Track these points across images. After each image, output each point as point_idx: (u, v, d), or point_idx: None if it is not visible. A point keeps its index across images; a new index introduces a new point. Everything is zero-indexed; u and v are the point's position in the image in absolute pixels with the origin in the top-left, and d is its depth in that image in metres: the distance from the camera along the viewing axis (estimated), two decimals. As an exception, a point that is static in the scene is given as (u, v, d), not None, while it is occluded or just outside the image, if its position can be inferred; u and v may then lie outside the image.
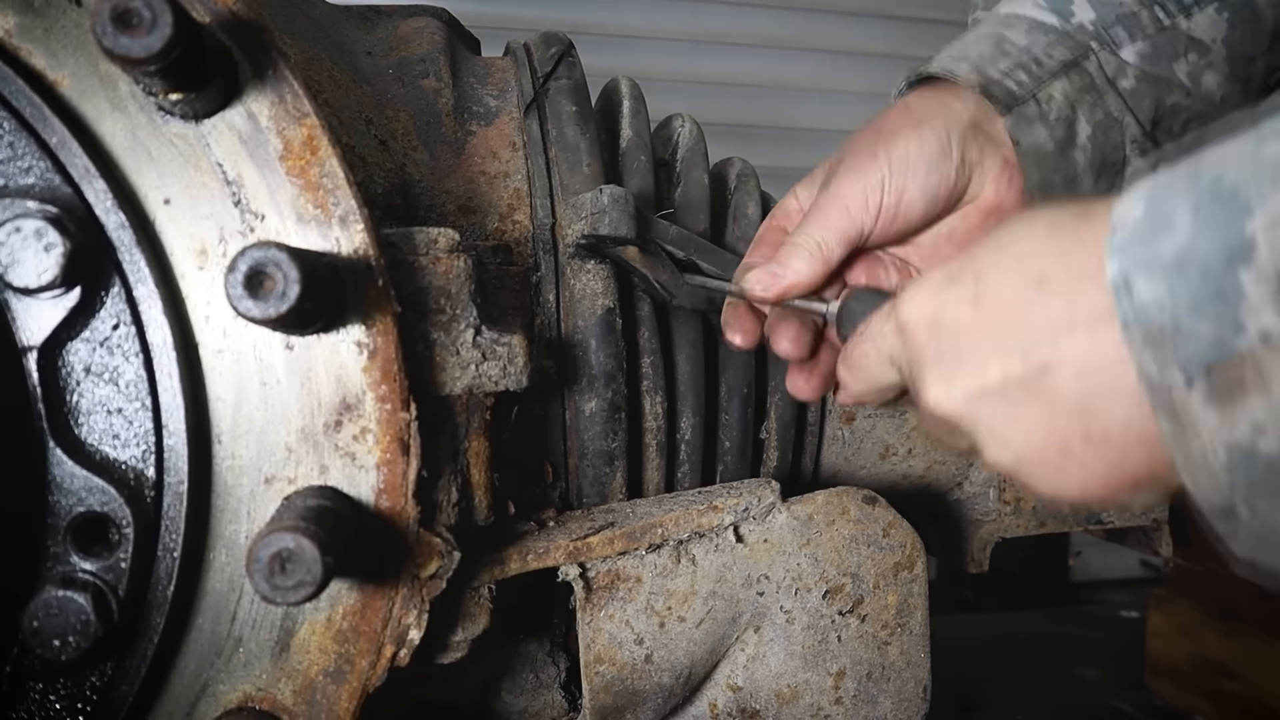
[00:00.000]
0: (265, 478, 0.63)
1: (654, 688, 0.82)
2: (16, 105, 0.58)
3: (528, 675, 0.90)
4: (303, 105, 0.62)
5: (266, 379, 0.62)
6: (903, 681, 0.89)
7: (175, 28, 0.51)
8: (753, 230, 0.96)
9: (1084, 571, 3.07)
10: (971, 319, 0.58)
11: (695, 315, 0.91)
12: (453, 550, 0.67)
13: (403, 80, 0.90)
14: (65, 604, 0.57)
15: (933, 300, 0.61)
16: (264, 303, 0.54)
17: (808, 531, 0.84)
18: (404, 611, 0.66)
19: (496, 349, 0.69)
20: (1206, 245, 0.46)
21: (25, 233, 0.55)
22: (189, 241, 0.62)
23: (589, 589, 0.79)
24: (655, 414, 0.89)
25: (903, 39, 2.90)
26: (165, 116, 0.61)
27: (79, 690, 0.61)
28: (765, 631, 0.85)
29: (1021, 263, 0.56)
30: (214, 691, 0.64)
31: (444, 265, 0.68)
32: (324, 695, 0.64)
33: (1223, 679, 1.97)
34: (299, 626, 0.64)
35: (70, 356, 0.60)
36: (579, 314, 0.84)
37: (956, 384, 0.59)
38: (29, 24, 0.60)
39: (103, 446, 0.61)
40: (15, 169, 0.59)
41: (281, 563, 0.53)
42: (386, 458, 0.63)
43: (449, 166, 0.88)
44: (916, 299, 0.62)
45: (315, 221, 0.62)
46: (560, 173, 0.88)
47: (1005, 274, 0.57)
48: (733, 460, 0.94)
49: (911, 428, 1.06)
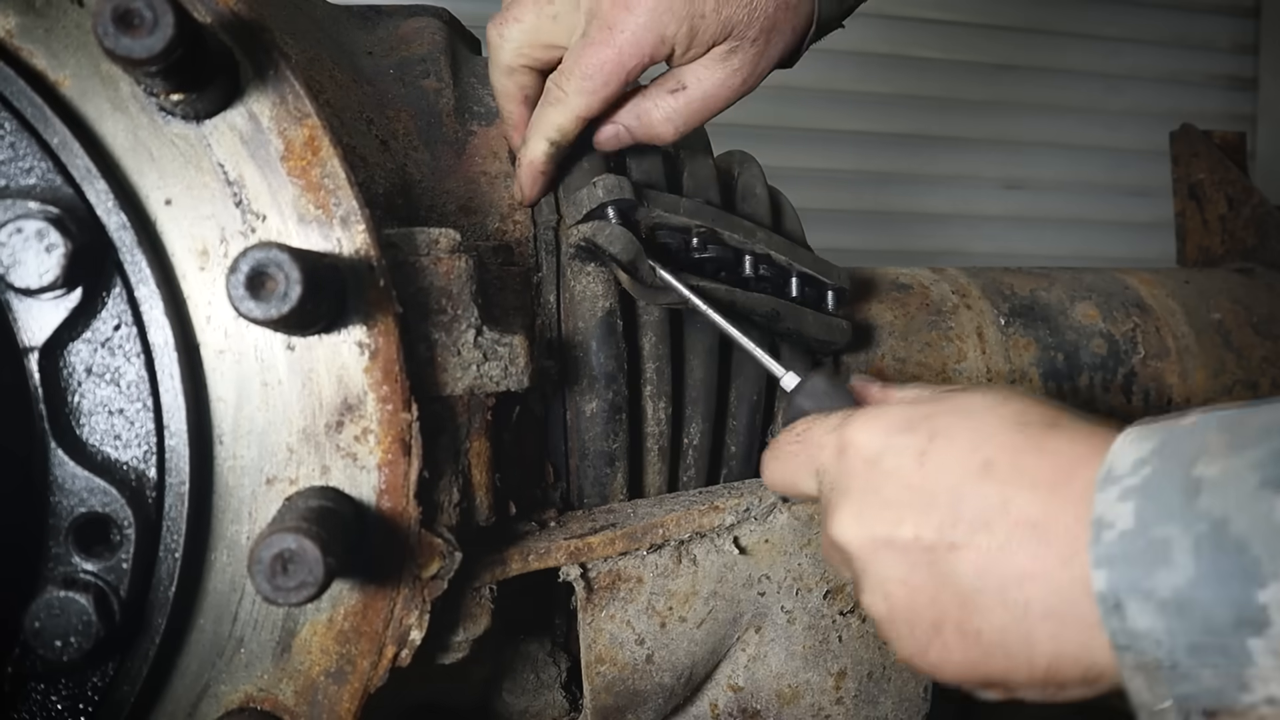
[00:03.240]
0: (267, 478, 0.63)
1: (655, 688, 0.82)
2: (18, 106, 0.58)
3: (529, 675, 0.90)
4: (304, 106, 0.62)
5: (268, 379, 0.62)
6: (904, 681, 0.89)
7: (177, 28, 0.51)
8: (762, 208, 0.96)
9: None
10: (910, 472, 0.58)
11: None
12: (454, 551, 0.67)
13: (403, 80, 0.90)
14: (67, 604, 0.57)
15: (883, 439, 0.60)
16: (266, 303, 0.54)
17: (809, 532, 0.84)
18: (405, 612, 0.66)
19: (498, 349, 0.69)
20: (1211, 599, 0.45)
21: (27, 233, 0.55)
22: (190, 242, 0.62)
23: (590, 589, 0.79)
24: (658, 419, 0.88)
25: (903, 39, 2.90)
26: (166, 117, 0.61)
27: (80, 691, 0.61)
28: (766, 632, 0.85)
29: (978, 443, 0.56)
30: (215, 692, 0.64)
31: (445, 266, 0.68)
32: (325, 696, 0.64)
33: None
34: (300, 627, 0.64)
35: (72, 357, 0.60)
36: (580, 315, 0.84)
37: (867, 524, 0.59)
38: (30, 24, 0.60)
39: (104, 447, 0.61)
40: (17, 170, 0.59)
41: (283, 563, 0.53)
42: (388, 458, 0.63)
43: (450, 167, 0.88)
44: (868, 430, 0.62)
45: (316, 222, 0.62)
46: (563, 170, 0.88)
47: (958, 445, 0.57)
48: (738, 464, 0.94)
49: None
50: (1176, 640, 0.45)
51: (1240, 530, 0.44)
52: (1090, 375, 1.15)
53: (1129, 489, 0.48)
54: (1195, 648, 0.45)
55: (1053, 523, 0.51)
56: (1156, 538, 0.46)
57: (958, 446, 0.57)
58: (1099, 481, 0.50)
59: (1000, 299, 1.16)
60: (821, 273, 0.93)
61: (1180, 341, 1.21)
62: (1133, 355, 1.18)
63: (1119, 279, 1.27)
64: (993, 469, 0.55)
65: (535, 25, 0.82)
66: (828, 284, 0.94)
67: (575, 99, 0.79)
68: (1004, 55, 3.02)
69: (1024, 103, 3.05)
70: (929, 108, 2.96)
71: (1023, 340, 1.14)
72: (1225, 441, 0.46)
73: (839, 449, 0.63)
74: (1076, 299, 1.20)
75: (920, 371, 1.06)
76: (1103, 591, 0.48)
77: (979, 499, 0.54)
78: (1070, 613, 0.50)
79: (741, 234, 0.89)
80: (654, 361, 0.88)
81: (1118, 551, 0.47)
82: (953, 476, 0.56)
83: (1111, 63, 3.13)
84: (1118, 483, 0.49)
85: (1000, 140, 3.06)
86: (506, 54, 0.83)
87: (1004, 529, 0.53)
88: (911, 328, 1.09)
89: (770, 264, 0.91)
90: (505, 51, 0.83)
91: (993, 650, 0.54)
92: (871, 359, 1.05)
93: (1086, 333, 1.17)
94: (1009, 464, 0.54)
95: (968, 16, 2.97)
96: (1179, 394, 1.20)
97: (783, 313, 0.90)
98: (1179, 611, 0.45)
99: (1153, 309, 1.23)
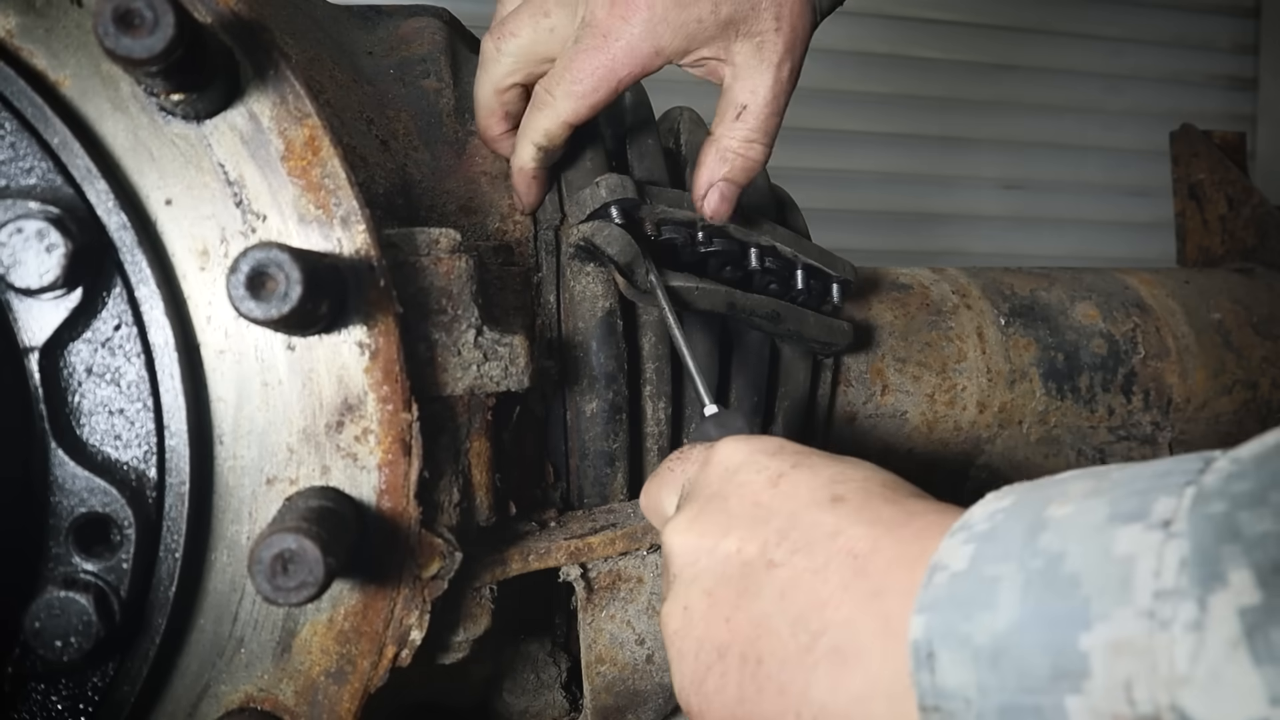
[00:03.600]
0: (267, 478, 0.63)
1: (656, 688, 0.82)
2: (18, 106, 0.58)
3: (529, 675, 0.90)
4: (304, 105, 0.62)
5: (268, 379, 0.62)
6: (904, 682, 0.89)
7: (177, 28, 0.51)
8: (767, 202, 0.96)
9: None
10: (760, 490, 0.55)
11: (713, 321, 0.91)
12: (454, 551, 0.67)
13: (404, 80, 0.90)
14: (67, 605, 0.57)
15: (748, 456, 0.58)
16: (266, 303, 0.54)
17: (809, 532, 0.84)
18: (406, 612, 0.66)
19: (498, 349, 0.69)
20: (1030, 645, 0.38)
21: (27, 233, 0.55)
22: (190, 242, 0.62)
23: (590, 589, 0.79)
24: (657, 419, 0.88)
25: (903, 39, 2.90)
26: (167, 117, 0.61)
27: (81, 691, 0.61)
28: (766, 632, 0.85)
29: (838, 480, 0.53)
30: (216, 692, 0.64)
31: (445, 266, 0.68)
32: (326, 696, 0.64)
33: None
34: (300, 627, 0.64)
35: (72, 357, 0.60)
36: (580, 315, 0.84)
37: (697, 530, 0.56)
38: (30, 24, 0.60)
39: (104, 447, 0.61)
40: (17, 170, 0.59)
41: (283, 564, 0.53)
42: (388, 458, 0.63)
43: (450, 167, 0.88)
44: (739, 447, 0.59)
45: (317, 222, 0.62)
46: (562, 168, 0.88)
47: (818, 478, 0.53)
48: (736, 463, 0.94)
49: (912, 428, 1.06)
50: (987, 700, 0.39)
51: (1074, 566, 0.37)
52: (1090, 375, 1.16)
53: (975, 534, 0.43)
54: (1006, 709, 0.38)
55: (877, 556, 0.47)
56: (986, 576, 0.40)
57: (817, 479, 0.53)
58: (951, 531, 0.44)
59: (1000, 299, 1.16)
60: (827, 264, 0.93)
61: (1180, 341, 1.21)
62: (1133, 355, 1.18)
63: (1119, 279, 1.27)
64: (841, 504, 0.51)
65: (533, 39, 0.80)
66: (833, 275, 0.94)
67: (563, 103, 0.78)
68: (1004, 55, 3.02)
69: (1024, 103, 3.05)
70: (929, 107, 2.96)
71: (1023, 340, 1.14)
72: (1088, 488, 0.41)
73: (706, 461, 0.61)
74: (1076, 299, 1.20)
75: (920, 372, 1.06)
76: (917, 640, 0.41)
77: (813, 525, 0.50)
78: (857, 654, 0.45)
79: (746, 226, 0.89)
80: (654, 361, 0.88)
81: (944, 594, 0.41)
82: (798, 503, 0.52)
83: (1111, 63, 3.13)
84: (968, 529, 0.44)
85: (1000, 140, 3.06)
86: (502, 69, 0.82)
87: (824, 554, 0.48)
88: (911, 328, 1.09)
89: (776, 256, 0.91)
90: (501, 66, 0.82)
91: (766, 686, 0.48)
92: (872, 359, 1.05)
93: (1087, 333, 1.17)
94: (859, 504, 0.50)
95: (968, 16, 2.97)
96: (1179, 394, 1.21)
97: (784, 314, 0.90)
98: (993, 662, 0.38)
99: (1153, 309, 1.23)
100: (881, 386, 1.05)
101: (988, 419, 1.08)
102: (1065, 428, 1.11)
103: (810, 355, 0.98)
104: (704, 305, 0.86)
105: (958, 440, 1.08)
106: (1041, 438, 1.09)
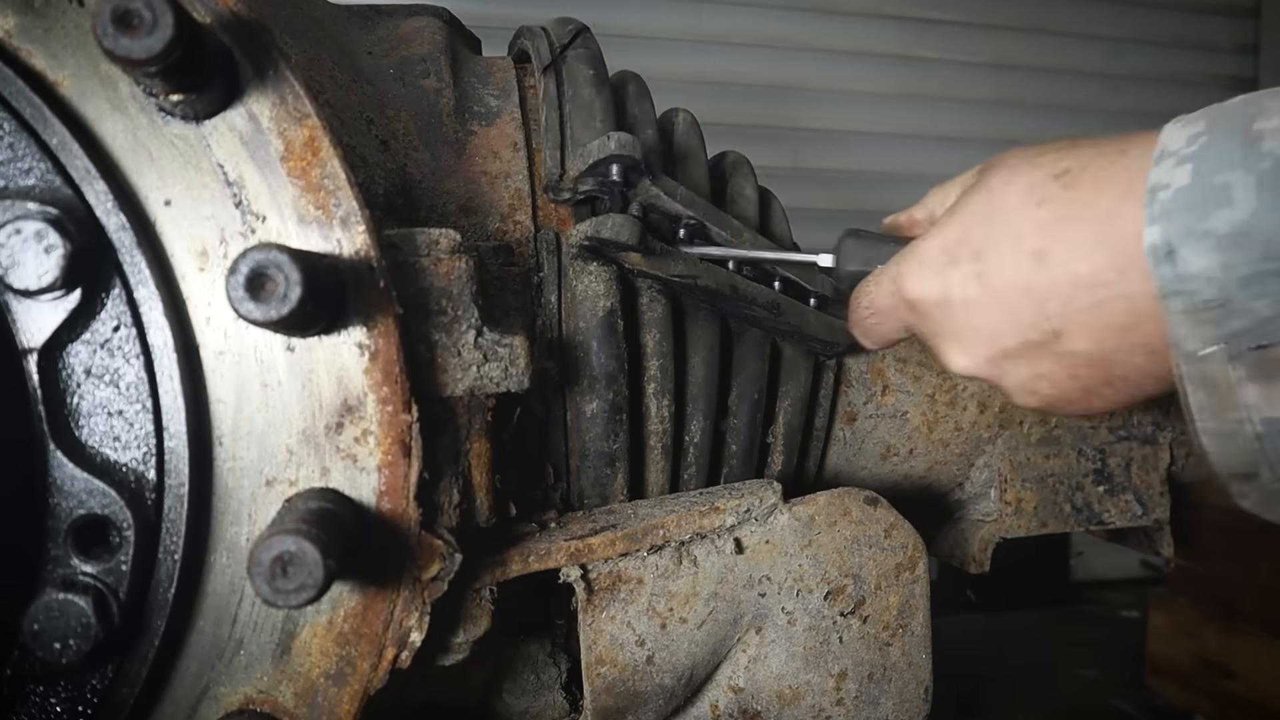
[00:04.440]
0: (266, 480, 0.62)
1: (655, 689, 0.82)
2: (17, 106, 0.58)
3: (529, 676, 0.90)
4: (304, 106, 0.62)
5: (268, 381, 0.62)
6: (904, 682, 0.89)
7: (176, 29, 0.51)
8: (751, 209, 0.96)
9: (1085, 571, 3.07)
10: (979, 296, 0.61)
11: (713, 319, 0.91)
12: (454, 552, 0.67)
13: (404, 80, 0.90)
14: (66, 607, 0.56)
15: (938, 280, 0.64)
16: (265, 305, 0.54)
17: (809, 533, 0.84)
18: (405, 614, 0.65)
19: (498, 350, 0.68)
20: (1273, 225, 0.45)
21: (26, 234, 0.55)
22: (190, 243, 0.61)
23: (590, 590, 0.79)
24: (661, 416, 0.88)
25: (903, 39, 2.90)
26: (166, 117, 0.61)
27: (79, 693, 0.61)
28: (767, 633, 0.85)
29: (1018, 241, 0.59)
30: (215, 694, 0.63)
31: (445, 266, 0.68)
32: (325, 697, 0.64)
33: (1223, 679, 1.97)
34: (300, 629, 0.64)
35: (71, 358, 0.60)
36: (580, 315, 0.84)
37: (978, 352, 0.63)
38: (29, 24, 0.60)
39: (103, 449, 0.61)
40: (15, 170, 0.59)
41: (283, 565, 0.53)
42: (388, 460, 0.63)
43: (450, 167, 0.88)
44: (922, 278, 0.65)
45: (316, 223, 0.62)
46: (573, 126, 0.88)
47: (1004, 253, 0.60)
48: (738, 464, 0.94)
49: (913, 428, 1.06)
50: (1230, 275, 0.46)
51: None
52: (1091, 376, 1.15)
53: (1185, 156, 0.49)
54: (1249, 280, 0.46)
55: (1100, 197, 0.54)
56: (1216, 184, 0.47)
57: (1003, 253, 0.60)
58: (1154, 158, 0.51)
59: (1001, 299, 1.16)
60: (805, 279, 0.93)
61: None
62: (1133, 356, 1.18)
63: (1120, 279, 1.26)
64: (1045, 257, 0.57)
65: None
66: (810, 290, 0.94)
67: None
68: (1004, 55, 3.02)
69: (1024, 103, 3.05)
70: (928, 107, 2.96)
71: (1023, 341, 1.13)
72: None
73: (909, 306, 0.67)
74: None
75: (921, 372, 1.06)
76: (1155, 244, 0.49)
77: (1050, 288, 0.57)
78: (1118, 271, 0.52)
79: (729, 232, 0.89)
80: (658, 359, 0.88)
81: (1173, 205, 0.48)
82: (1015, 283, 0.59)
83: (1111, 63, 3.13)
84: (1173, 155, 0.50)
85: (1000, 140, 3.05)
86: None
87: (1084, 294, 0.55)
88: (912, 328, 1.09)
89: (753, 265, 0.91)
90: None
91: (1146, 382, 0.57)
92: (872, 359, 1.05)
93: (1087, 333, 1.17)
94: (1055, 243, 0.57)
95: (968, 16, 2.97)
96: (1180, 394, 1.20)
97: (784, 306, 0.90)
98: (1236, 244, 0.46)
99: (1153, 309, 1.22)
100: (882, 386, 1.05)
101: (988, 419, 1.08)
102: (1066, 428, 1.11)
103: (812, 355, 0.98)
104: (709, 284, 0.86)
105: (958, 440, 1.07)
106: (1042, 438, 1.09)
